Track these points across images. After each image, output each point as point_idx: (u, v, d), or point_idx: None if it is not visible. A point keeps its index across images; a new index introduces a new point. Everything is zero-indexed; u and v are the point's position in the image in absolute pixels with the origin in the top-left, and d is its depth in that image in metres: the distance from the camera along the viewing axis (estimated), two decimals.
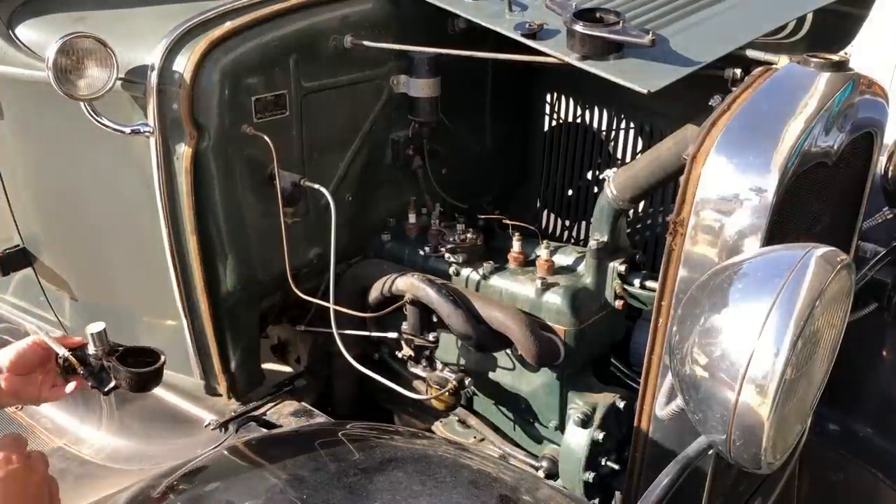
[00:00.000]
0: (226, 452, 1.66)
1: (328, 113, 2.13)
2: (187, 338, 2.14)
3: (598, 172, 2.44)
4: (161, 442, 2.40)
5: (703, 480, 1.68)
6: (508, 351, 2.07)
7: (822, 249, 1.30)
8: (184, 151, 1.90)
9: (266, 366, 2.42)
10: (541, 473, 2.06)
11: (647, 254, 2.32)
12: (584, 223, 2.64)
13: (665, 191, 2.30)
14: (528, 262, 2.10)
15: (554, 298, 1.96)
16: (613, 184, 1.89)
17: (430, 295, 2.02)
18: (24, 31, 2.17)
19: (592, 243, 1.94)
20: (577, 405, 1.99)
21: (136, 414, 2.51)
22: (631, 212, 2.16)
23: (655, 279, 1.77)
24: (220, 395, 2.22)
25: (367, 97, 2.21)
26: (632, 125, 2.49)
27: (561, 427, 2.06)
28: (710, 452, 1.39)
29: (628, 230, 2.06)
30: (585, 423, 1.95)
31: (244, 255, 2.07)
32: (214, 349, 2.14)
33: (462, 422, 2.25)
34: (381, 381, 2.10)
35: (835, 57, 1.63)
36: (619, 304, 1.97)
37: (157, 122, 1.90)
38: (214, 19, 1.95)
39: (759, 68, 1.70)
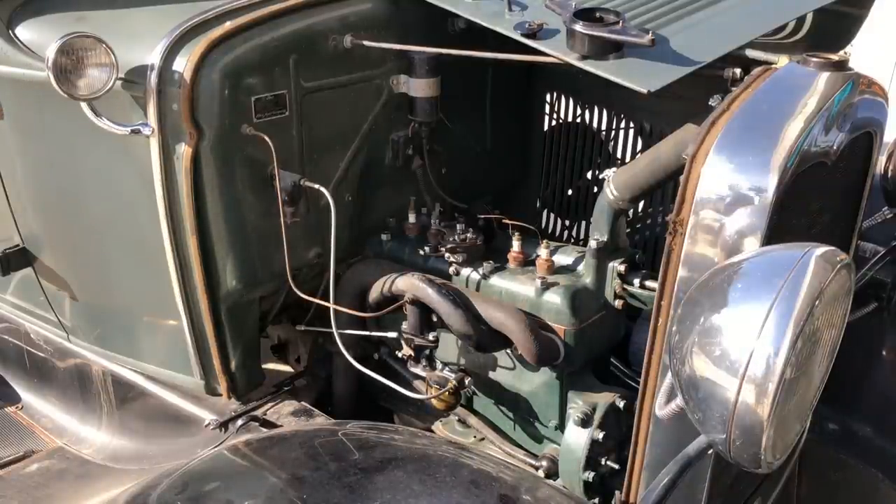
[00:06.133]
0: (226, 452, 1.66)
1: (328, 113, 2.13)
2: (187, 338, 2.14)
3: (598, 172, 2.44)
4: (161, 442, 2.40)
5: (703, 480, 1.68)
6: (508, 350, 2.07)
7: (822, 249, 1.30)
8: (184, 151, 1.91)
9: (266, 366, 2.43)
10: (541, 473, 2.06)
11: (647, 254, 2.32)
12: (584, 223, 2.64)
13: (665, 191, 2.30)
14: (527, 262, 2.10)
15: (554, 298, 1.96)
16: (613, 184, 1.89)
17: (430, 295, 2.01)
18: (24, 31, 2.17)
19: (592, 243, 1.94)
20: (577, 405, 1.99)
21: (137, 414, 2.51)
22: (631, 212, 2.16)
23: (655, 279, 1.77)
24: (221, 395, 2.22)
25: (367, 97, 2.21)
26: (632, 125, 2.49)
27: (561, 426, 2.07)
28: (710, 452, 1.39)
29: (628, 230, 2.06)
30: (585, 422, 1.95)
31: (244, 255, 2.07)
32: (214, 349, 2.14)
33: (462, 421, 2.25)
34: (381, 381, 2.10)
35: (834, 57, 1.63)
36: (618, 303, 1.97)
37: (157, 122, 1.90)
38: (214, 19, 1.95)
39: (759, 68, 1.70)
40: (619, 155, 2.53)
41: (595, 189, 2.54)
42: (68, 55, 1.79)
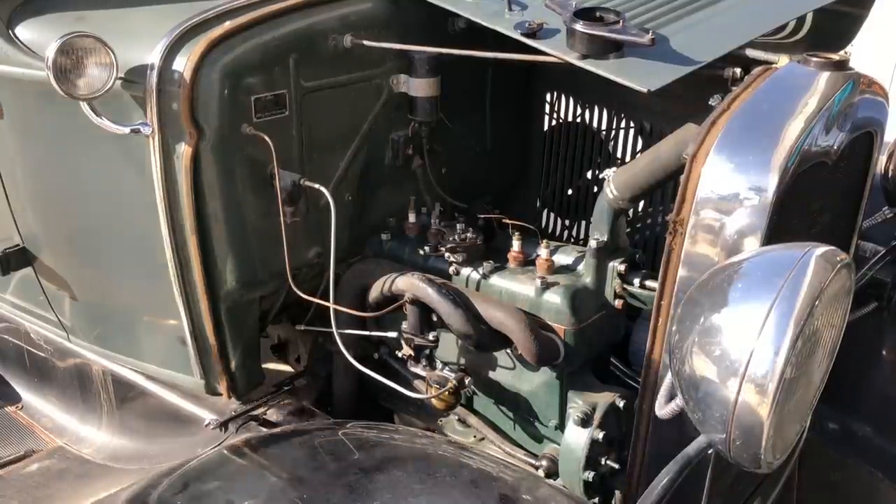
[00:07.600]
0: (226, 452, 1.66)
1: (328, 112, 2.13)
2: (187, 338, 2.14)
3: (597, 172, 2.44)
4: (161, 441, 2.40)
5: (703, 480, 1.68)
6: (508, 350, 2.07)
7: (822, 249, 1.30)
8: (184, 151, 1.90)
9: (266, 365, 2.43)
10: (540, 473, 2.06)
11: (647, 253, 2.31)
12: (584, 223, 2.64)
13: (665, 190, 2.30)
14: (527, 262, 2.10)
15: (554, 298, 1.96)
16: (613, 183, 1.89)
17: (430, 294, 2.01)
18: (24, 31, 2.17)
19: (592, 243, 1.94)
20: (577, 404, 1.99)
21: (137, 413, 2.51)
22: (631, 211, 2.16)
23: (655, 279, 1.77)
24: (221, 395, 2.22)
25: (367, 97, 2.21)
26: (632, 125, 2.49)
27: (561, 426, 2.06)
28: (710, 452, 1.39)
29: (628, 230, 2.06)
30: (585, 422, 1.95)
31: (244, 255, 2.07)
32: (214, 349, 2.14)
33: (462, 421, 2.25)
34: (381, 381, 2.10)
35: (835, 56, 1.64)
36: (618, 303, 1.97)
37: (157, 121, 1.90)
38: (214, 19, 1.95)
39: (759, 68, 1.70)
40: (619, 155, 2.53)
41: (595, 189, 2.54)
42: (68, 55, 1.79)
